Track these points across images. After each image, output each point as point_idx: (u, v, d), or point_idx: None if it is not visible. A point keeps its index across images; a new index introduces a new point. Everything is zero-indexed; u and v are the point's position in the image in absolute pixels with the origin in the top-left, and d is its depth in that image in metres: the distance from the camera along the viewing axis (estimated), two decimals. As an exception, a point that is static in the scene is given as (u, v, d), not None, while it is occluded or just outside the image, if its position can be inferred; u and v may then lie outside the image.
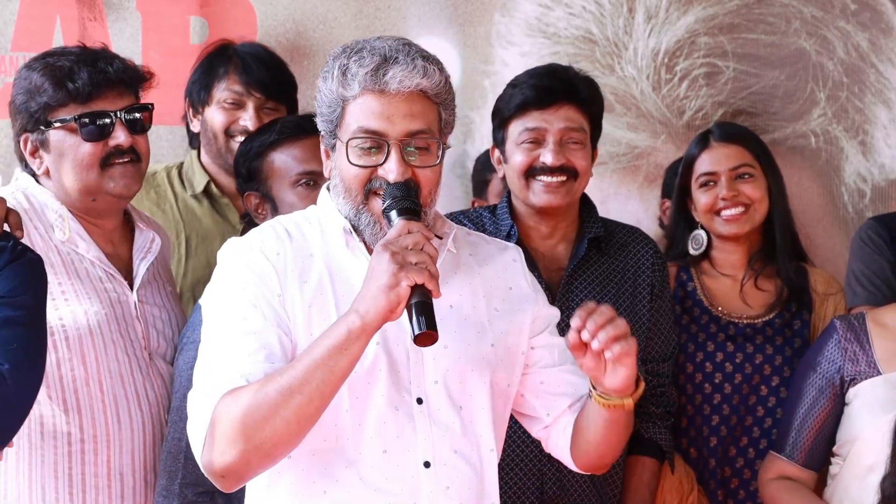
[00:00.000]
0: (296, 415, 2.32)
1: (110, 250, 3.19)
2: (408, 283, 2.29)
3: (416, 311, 2.30)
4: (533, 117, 3.34)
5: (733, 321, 3.64)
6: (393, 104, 2.45)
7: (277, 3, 4.51)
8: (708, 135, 3.71)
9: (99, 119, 3.08)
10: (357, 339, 2.32)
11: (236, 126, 3.85)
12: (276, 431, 2.32)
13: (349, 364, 2.33)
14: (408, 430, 2.46)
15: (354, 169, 2.47)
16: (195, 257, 3.83)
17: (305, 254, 2.50)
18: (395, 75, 2.43)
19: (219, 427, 2.35)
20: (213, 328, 2.47)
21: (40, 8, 4.33)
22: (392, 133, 2.45)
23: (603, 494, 3.38)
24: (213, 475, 2.39)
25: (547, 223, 3.41)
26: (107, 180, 3.11)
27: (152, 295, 3.25)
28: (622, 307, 3.39)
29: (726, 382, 3.60)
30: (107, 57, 3.13)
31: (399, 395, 2.46)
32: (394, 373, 2.46)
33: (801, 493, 3.27)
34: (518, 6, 4.61)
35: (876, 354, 3.21)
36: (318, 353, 2.32)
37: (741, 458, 3.60)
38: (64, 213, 3.11)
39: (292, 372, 2.33)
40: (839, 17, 4.61)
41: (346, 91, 2.47)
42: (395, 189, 2.43)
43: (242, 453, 2.34)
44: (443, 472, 2.47)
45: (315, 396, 2.32)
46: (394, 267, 2.29)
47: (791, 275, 3.65)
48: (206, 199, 3.92)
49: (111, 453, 3.09)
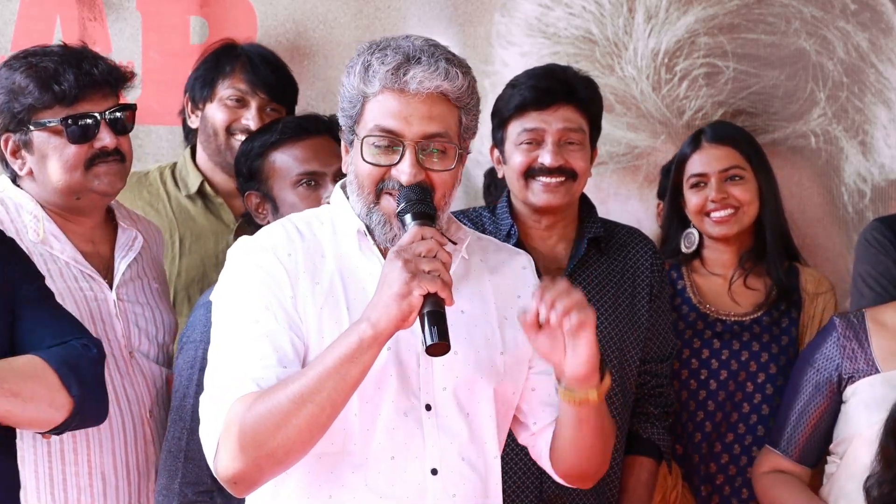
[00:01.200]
0: (307, 423, 2.31)
1: (90, 249, 3.18)
2: (420, 293, 2.27)
3: (429, 320, 2.28)
4: (531, 118, 3.34)
5: (721, 318, 3.66)
6: (412, 105, 2.42)
7: (277, 3, 4.51)
8: (700, 135, 3.72)
9: (84, 121, 3.08)
10: (369, 349, 2.30)
11: (238, 124, 3.84)
12: (289, 439, 2.31)
13: (361, 373, 2.32)
14: (416, 437, 2.45)
15: (368, 167, 2.45)
16: (189, 256, 3.83)
17: (317, 255, 2.48)
18: (415, 75, 2.40)
19: (230, 434, 2.34)
20: (223, 330, 2.45)
21: (40, 8, 4.33)
22: (408, 134, 2.42)
23: (601, 494, 3.38)
24: (226, 481, 2.38)
25: (546, 223, 3.41)
26: (91, 179, 3.10)
27: (135, 293, 3.23)
28: (621, 307, 3.40)
29: (711, 379, 3.61)
30: (90, 57, 3.12)
31: (408, 401, 2.45)
32: (403, 378, 2.45)
33: (792, 485, 3.27)
34: (518, 6, 4.61)
35: (875, 353, 3.22)
36: (329, 361, 2.31)
37: (726, 454, 3.61)
38: (39, 214, 3.10)
39: (304, 380, 2.31)
40: (839, 17, 4.61)
41: (366, 87, 2.44)
42: (411, 192, 2.40)
43: (254, 460, 2.33)
44: (449, 480, 2.46)
45: (327, 405, 2.31)
46: (406, 275, 2.27)
47: (781, 275, 3.66)
48: (199, 199, 3.91)
49: (91, 453, 3.08)
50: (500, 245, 2.69)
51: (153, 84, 4.25)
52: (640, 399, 3.48)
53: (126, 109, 3.15)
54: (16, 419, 2.62)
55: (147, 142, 4.36)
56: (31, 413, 2.61)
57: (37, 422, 2.65)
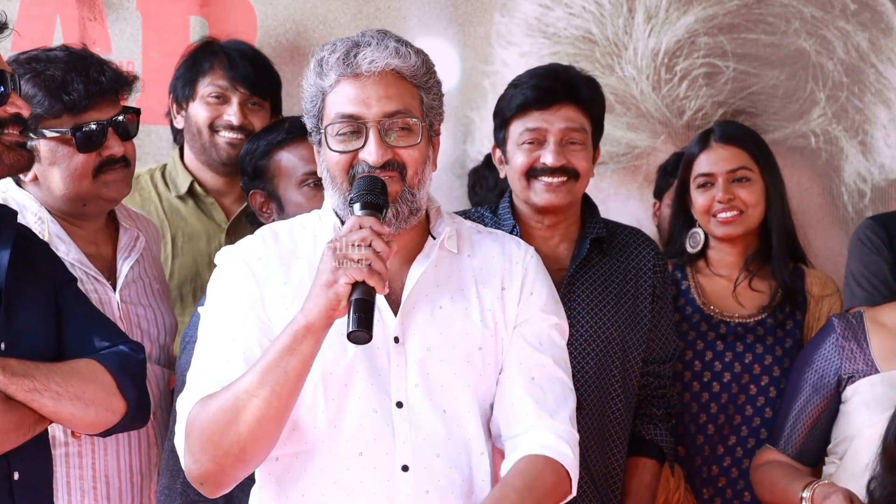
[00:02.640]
0: (256, 418, 2.33)
1: (93, 251, 3.19)
2: (346, 280, 2.28)
3: (353, 308, 2.28)
4: (534, 118, 3.34)
5: (725, 320, 3.64)
6: (368, 87, 2.45)
7: (277, 3, 4.51)
8: (709, 134, 3.69)
9: (93, 130, 3.08)
10: (304, 339, 2.32)
11: (220, 121, 3.84)
12: (240, 435, 2.33)
13: (302, 364, 2.33)
14: (385, 434, 2.45)
15: (335, 155, 2.47)
16: (181, 257, 3.83)
17: (290, 256, 2.51)
18: (365, 56, 2.44)
19: (192, 436, 2.38)
20: (200, 336, 2.51)
21: (40, 8, 4.33)
22: (369, 115, 2.44)
23: (604, 495, 3.38)
24: (194, 481, 2.41)
25: (548, 223, 3.41)
26: (100, 187, 3.12)
27: (137, 294, 3.24)
28: (624, 308, 3.39)
29: (714, 381, 3.60)
30: (96, 64, 3.12)
31: (377, 397, 2.45)
32: (373, 376, 2.45)
33: (785, 467, 3.27)
34: (518, 6, 4.61)
35: (874, 353, 3.21)
36: (270, 355, 2.33)
37: (729, 456, 3.60)
38: (44, 216, 3.10)
39: (248, 377, 2.34)
40: (839, 17, 4.61)
41: (323, 81, 2.48)
42: (363, 182, 2.42)
43: (213, 459, 2.36)
44: (422, 476, 2.45)
45: (272, 398, 2.32)
46: (332, 264, 2.29)
47: (786, 277, 3.64)
48: (190, 199, 3.92)
49: (95, 456, 3.09)
50: (500, 236, 2.67)
51: (153, 84, 4.23)
52: (643, 400, 3.48)
53: (129, 113, 3.16)
54: (77, 421, 2.67)
55: (147, 142, 4.36)
56: (91, 416, 2.66)
57: (94, 424, 2.70)
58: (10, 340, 2.61)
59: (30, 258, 2.71)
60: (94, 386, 2.65)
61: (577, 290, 3.37)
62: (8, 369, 2.55)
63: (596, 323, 3.35)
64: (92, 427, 2.70)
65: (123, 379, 2.70)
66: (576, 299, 3.35)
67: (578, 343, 3.32)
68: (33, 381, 2.57)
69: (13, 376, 2.55)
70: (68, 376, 2.62)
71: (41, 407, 2.59)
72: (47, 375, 2.59)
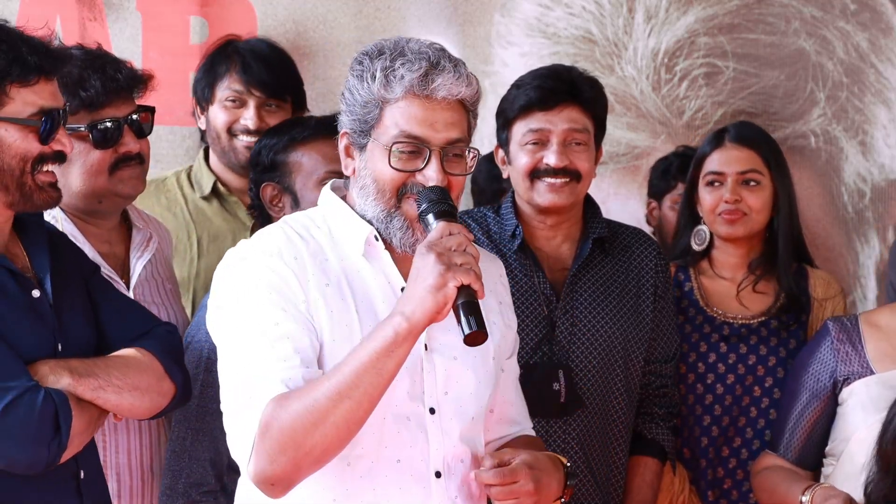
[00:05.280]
0: (345, 419, 2.32)
1: (106, 250, 3.19)
2: (455, 284, 2.30)
3: (464, 311, 2.31)
4: (536, 118, 3.34)
5: (728, 321, 3.63)
6: (437, 111, 2.45)
7: (277, 3, 4.51)
8: (724, 133, 3.68)
9: (109, 127, 3.09)
10: (404, 341, 2.32)
11: (238, 125, 3.84)
12: (327, 436, 2.32)
13: (396, 366, 2.33)
14: (420, 440, 2.46)
15: (392, 171, 2.46)
16: (207, 257, 3.83)
17: (321, 258, 2.49)
18: (443, 83, 2.43)
19: (268, 435, 2.33)
20: (238, 337, 2.43)
21: (40, 8, 4.32)
22: (434, 140, 2.45)
23: (606, 494, 3.39)
24: (263, 483, 2.37)
25: (551, 223, 3.41)
26: (116, 183, 3.13)
27: (150, 293, 3.24)
28: (626, 307, 3.40)
29: (718, 383, 3.60)
30: (112, 62, 3.13)
31: (413, 404, 2.47)
32: (409, 383, 2.46)
33: (785, 471, 3.27)
34: (518, 6, 4.61)
35: (869, 355, 3.22)
36: (364, 356, 2.32)
37: (734, 458, 3.59)
38: (57, 215, 3.11)
39: (339, 377, 2.32)
40: (839, 17, 4.61)
41: (386, 93, 2.45)
42: (431, 193, 2.43)
43: (292, 459, 2.33)
44: (452, 482, 2.48)
45: (364, 400, 2.32)
46: (441, 267, 2.30)
47: (791, 283, 3.63)
48: (215, 199, 3.92)
49: (108, 453, 3.09)
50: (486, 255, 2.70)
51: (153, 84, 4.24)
52: (645, 400, 3.48)
53: (145, 111, 3.17)
54: (136, 410, 2.73)
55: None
56: (147, 403, 2.73)
57: (150, 410, 2.76)
58: (64, 341, 2.65)
59: (59, 254, 2.74)
60: (147, 374, 2.71)
61: (580, 290, 3.38)
62: (74, 371, 2.60)
63: (598, 322, 3.36)
64: (147, 413, 2.77)
65: (169, 363, 2.76)
66: (578, 299, 3.35)
67: (581, 342, 3.32)
68: (97, 378, 2.63)
69: (80, 377, 2.60)
70: (125, 369, 2.68)
71: (105, 402, 2.64)
72: (106, 371, 2.65)
